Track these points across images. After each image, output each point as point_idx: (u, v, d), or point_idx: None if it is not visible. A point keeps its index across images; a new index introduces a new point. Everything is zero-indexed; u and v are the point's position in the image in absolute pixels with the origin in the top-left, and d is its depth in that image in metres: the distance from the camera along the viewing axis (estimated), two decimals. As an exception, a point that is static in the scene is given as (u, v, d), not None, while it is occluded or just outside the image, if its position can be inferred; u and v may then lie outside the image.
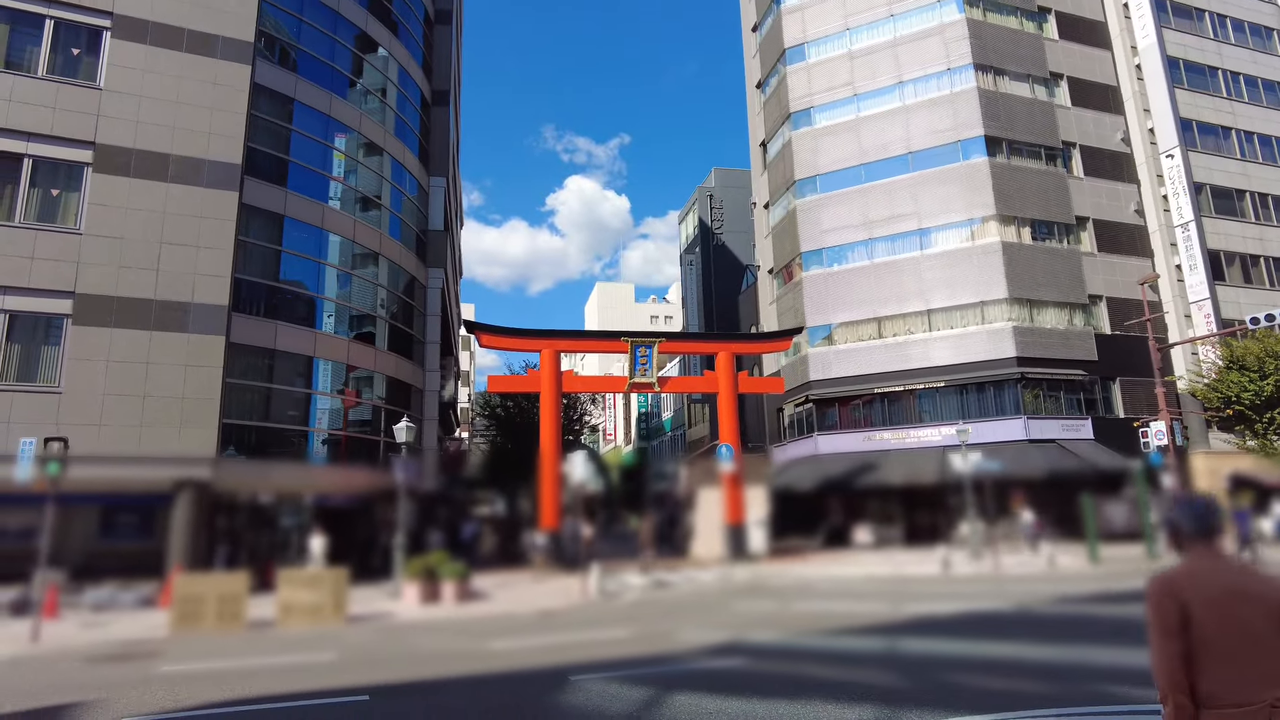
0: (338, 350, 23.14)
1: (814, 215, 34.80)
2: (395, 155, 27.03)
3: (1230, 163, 36.34)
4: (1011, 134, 32.74)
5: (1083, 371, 30.69)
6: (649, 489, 41.83)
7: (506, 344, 25.59)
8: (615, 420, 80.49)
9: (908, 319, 32.10)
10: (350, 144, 24.78)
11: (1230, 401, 25.88)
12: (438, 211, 29.49)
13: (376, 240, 25.29)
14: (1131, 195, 34.61)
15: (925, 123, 33.26)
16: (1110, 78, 36.26)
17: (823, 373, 33.23)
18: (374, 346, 24.73)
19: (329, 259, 23.41)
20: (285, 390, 21.87)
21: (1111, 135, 35.10)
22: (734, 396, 26.38)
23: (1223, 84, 37.82)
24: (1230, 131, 37.04)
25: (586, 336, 26.12)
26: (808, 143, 35.68)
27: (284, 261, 22.38)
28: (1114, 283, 32.93)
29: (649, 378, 25.94)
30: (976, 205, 31.66)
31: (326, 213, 23.41)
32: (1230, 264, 34.64)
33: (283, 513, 21.69)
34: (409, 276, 27.33)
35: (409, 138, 28.34)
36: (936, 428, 30.51)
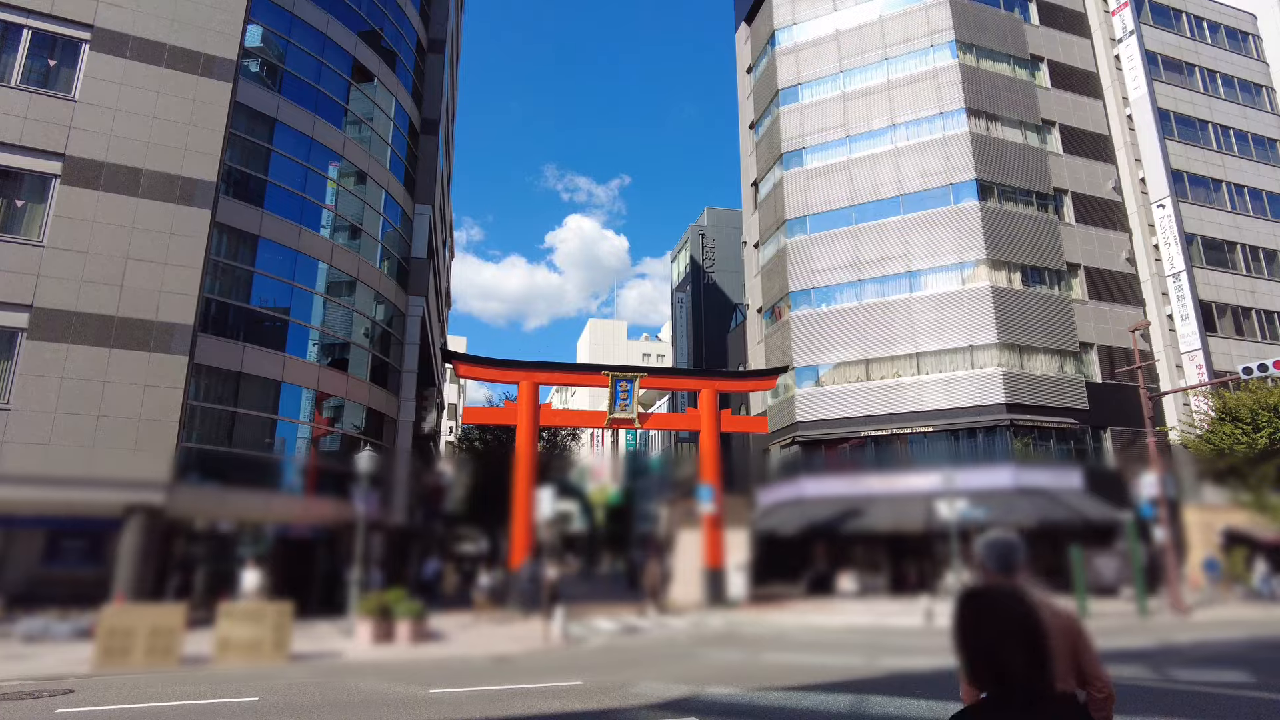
0: (307, 376, 22.48)
1: (804, 255, 34.50)
2: (379, 181, 26.68)
3: (1221, 215, 36.32)
4: (1003, 179, 32.64)
5: (1073, 420, 30.15)
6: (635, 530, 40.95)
7: (484, 374, 24.97)
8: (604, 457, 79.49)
9: (896, 361, 31.61)
10: (332, 167, 24.41)
11: (1223, 454, 25.28)
12: (421, 239, 29.06)
13: (355, 265, 24.79)
14: (1123, 243, 34.44)
15: (917, 165, 33.16)
16: (1102, 127, 36.35)
17: (809, 414, 32.62)
18: (347, 373, 24.08)
19: (303, 282, 22.87)
20: (251, 415, 21.15)
21: (1103, 183, 35.04)
22: (716, 435, 25.71)
23: (1213, 137, 37.98)
24: (1221, 184, 37.10)
25: (565, 369, 25.51)
26: (799, 183, 35.54)
27: (256, 283, 21.83)
28: (1105, 330, 32.56)
29: (629, 413, 25.28)
30: (967, 249, 31.40)
31: (303, 235, 22.93)
32: (1222, 315, 34.39)
33: (242, 542, 20.82)
34: (388, 304, 26.79)
35: (395, 164, 28.03)
36: (923, 474, 29.78)
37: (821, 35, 36.74)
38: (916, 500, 29.02)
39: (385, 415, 26.20)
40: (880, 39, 35.31)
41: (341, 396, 23.74)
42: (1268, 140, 39.80)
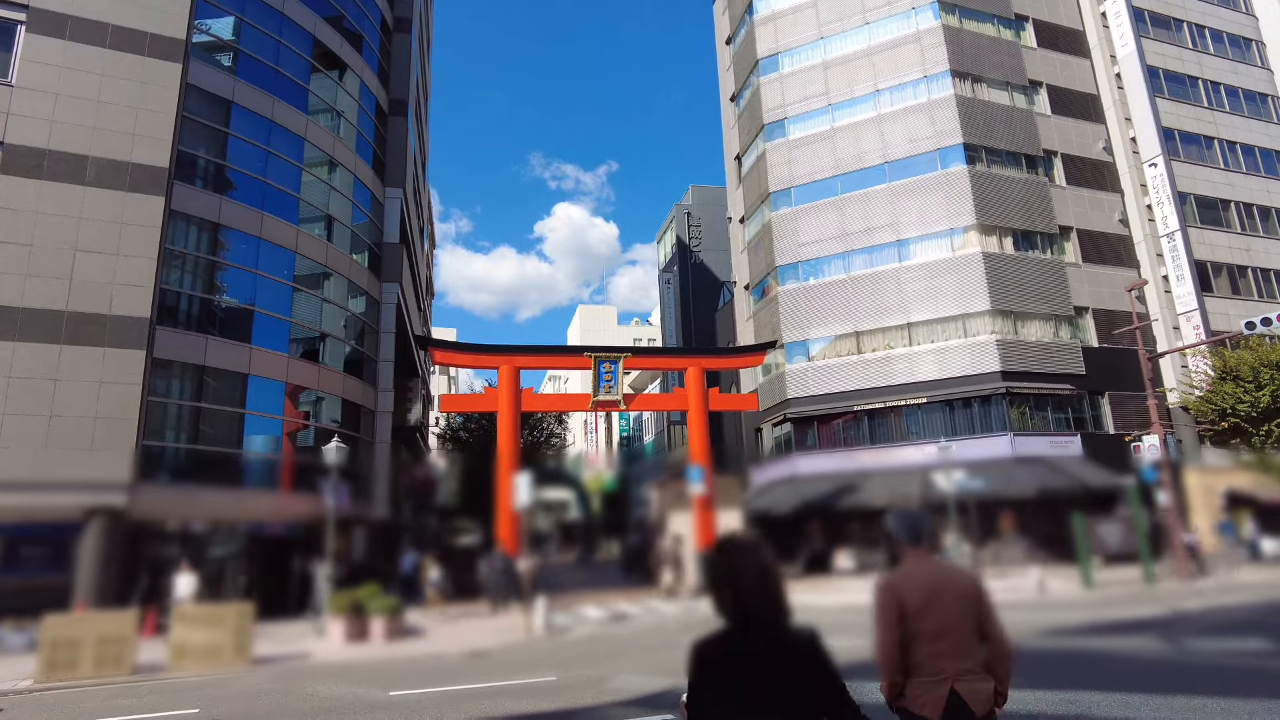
0: (276, 368, 21.60)
1: (789, 228, 33.66)
2: (346, 165, 25.72)
3: (1214, 172, 35.52)
4: (991, 142, 31.79)
5: (1070, 386, 29.46)
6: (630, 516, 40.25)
7: (461, 360, 24.13)
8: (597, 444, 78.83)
9: (888, 333, 30.86)
10: (295, 151, 23.43)
11: (1225, 414, 24.63)
12: (393, 224, 28.11)
13: (323, 252, 23.88)
14: (1115, 204, 33.68)
15: (902, 131, 32.28)
16: (1090, 86, 35.49)
17: (801, 390, 31.89)
18: (319, 365, 23.21)
19: (269, 271, 21.95)
20: (217, 410, 20.29)
21: (1093, 144, 34.23)
22: (704, 414, 24.95)
23: (1203, 94, 37.14)
24: (1213, 141, 36.27)
25: (546, 352, 24.66)
26: (782, 154, 34.64)
27: (217, 273, 20.92)
28: (1100, 294, 31.83)
29: (614, 394, 24.49)
30: (956, 215, 30.59)
31: (267, 222, 22.00)
32: (1218, 274, 33.66)
33: (214, 543, 20.02)
34: (361, 291, 25.89)
35: (362, 147, 27.05)
36: (920, 446, 29.12)
37: (800, 1, 35.72)
38: (913, 473, 28.39)
39: (362, 407, 25.37)
40: (860, 2, 34.32)
41: (314, 389, 22.88)
42: (1258, 95, 38.96)
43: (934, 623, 3.12)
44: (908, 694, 3.14)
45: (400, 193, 28.52)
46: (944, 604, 3.14)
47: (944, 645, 3.11)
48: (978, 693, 3.10)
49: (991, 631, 3.17)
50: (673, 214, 51.73)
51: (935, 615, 3.13)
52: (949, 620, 3.13)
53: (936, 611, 3.13)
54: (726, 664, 2.24)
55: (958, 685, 3.09)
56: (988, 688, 3.13)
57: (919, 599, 3.15)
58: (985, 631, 3.18)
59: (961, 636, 3.13)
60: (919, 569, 3.24)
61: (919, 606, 3.14)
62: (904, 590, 3.17)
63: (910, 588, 3.17)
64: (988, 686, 3.13)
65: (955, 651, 3.12)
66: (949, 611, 3.14)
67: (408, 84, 30.51)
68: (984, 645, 3.18)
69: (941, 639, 3.12)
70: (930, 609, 3.13)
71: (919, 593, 3.16)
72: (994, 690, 3.14)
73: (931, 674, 3.11)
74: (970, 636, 3.16)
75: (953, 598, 3.16)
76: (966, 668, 3.12)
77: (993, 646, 3.17)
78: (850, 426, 31.04)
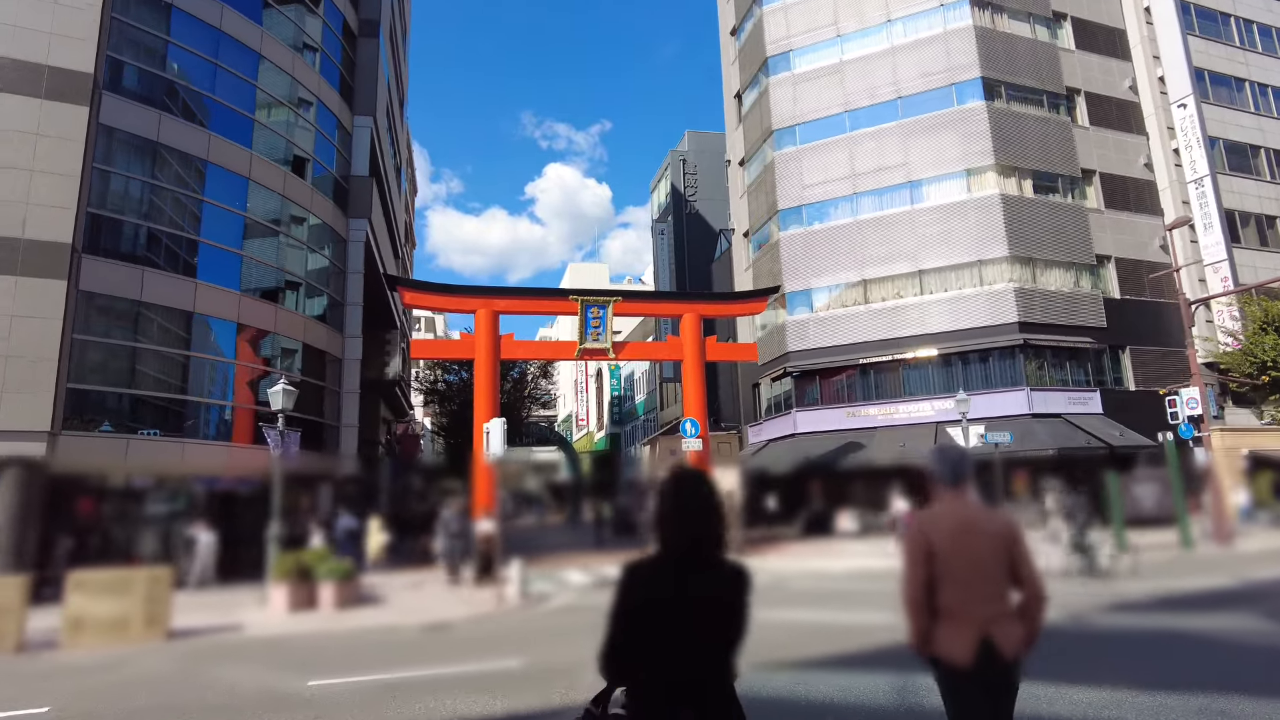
0: (225, 307, 19.40)
1: (793, 169, 31.36)
2: (308, 86, 23.23)
3: (1244, 116, 33.25)
4: (1011, 77, 29.42)
5: (1091, 339, 27.52)
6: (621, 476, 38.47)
7: (433, 303, 21.94)
8: (588, 405, 76.94)
9: (897, 281, 28.78)
10: (249, 67, 20.95)
11: (1265, 367, 22.74)
12: (362, 156, 25.69)
13: (280, 181, 21.53)
14: (1140, 148, 31.45)
15: (916, 65, 29.86)
16: (1117, 20, 33.01)
17: (802, 343, 29.89)
18: (277, 305, 21.01)
19: (219, 199, 19.64)
20: (157, 352, 18.12)
21: (1119, 82, 31.88)
22: (701, 364, 22.94)
23: (1235, 33, 34.70)
24: (1244, 83, 33.95)
25: (527, 294, 22.48)
26: (786, 89, 32.19)
27: (155, 197, 18.59)
28: (1123, 242, 29.76)
29: (602, 342, 22.41)
30: (973, 154, 28.34)
31: (215, 144, 19.62)
32: (1245, 225, 31.60)
33: (153, 500, 18.01)
34: (324, 227, 23.58)
35: (328, 69, 24.52)
36: (930, 401, 27.25)
37: (808, -76, 32.95)
38: (923, 430, 26.58)
39: (327, 354, 23.23)
40: (874, -76, 31.61)
41: (270, 330, 20.71)
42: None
43: (964, 564, 3.00)
44: (937, 638, 3.01)
45: (370, 122, 26.05)
46: (975, 545, 3.01)
47: (974, 588, 2.98)
48: (1009, 637, 2.97)
49: (1025, 574, 3.03)
50: (668, 161, 49.17)
51: (965, 556, 3.00)
52: (980, 562, 3.00)
53: (967, 552, 3.00)
54: (658, 585, 2.26)
55: (990, 629, 2.95)
56: (1019, 633, 3.00)
57: (949, 539, 3.03)
58: (1018, 575, 3.04)
59: (993, 579, 3.01)
60: (952, 509, 3.14)
61: (949, 547, 3.02)
62: (933, 530, 3.07)
63: (940, 528, 3.07)
64: (1019, 632, 3.00)
65: (986, 595, 2.99)
66: (980, 553, 3.01)
67: (379, 4, 27.83)
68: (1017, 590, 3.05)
69: (972, 582, 2.99)
70: (961, 550, 3.01)
71: (949, 533, 3.05)
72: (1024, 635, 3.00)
73: (960, 617, 2.98)
74: (1002, 580, 3.03)
75: (984, 539, 3.03)
76: (998, 611, 2.99)
77: (1026, 590, 3.03)
78: (855, 381, 29.10)
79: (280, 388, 14.73)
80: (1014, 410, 25.85)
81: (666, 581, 2.24)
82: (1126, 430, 25.42)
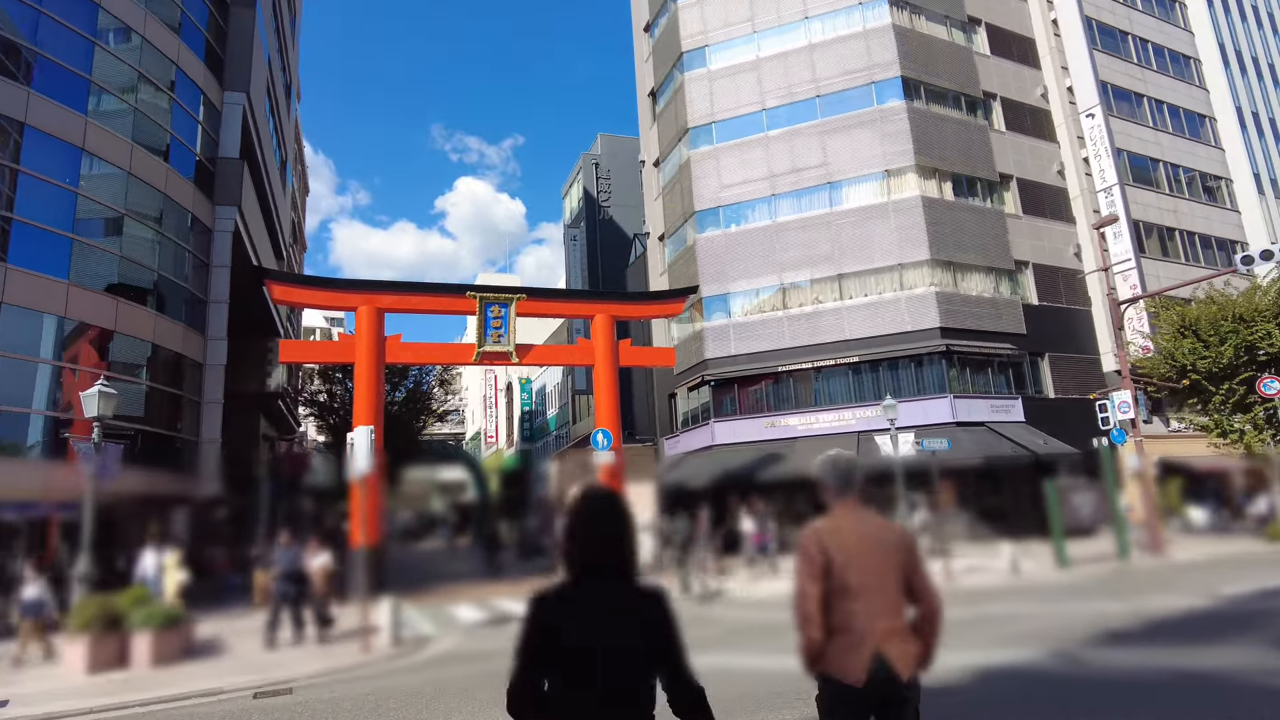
0: (46, 297, 16.27)
1: (710, 168, 29.94)
2: (164, 50, 20.26)
3: (1144, 130, 33.89)
4: (930, 78, 28.84)
5: (1011, 345, 26.96)
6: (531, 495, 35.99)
7: (306, 297, 19.21)
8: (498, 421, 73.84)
9: (817, 286, 27.60)
10: (84, 19, 17.90)
11: (1185, 371, 22.41)
12: (233, 136, 22.72)
13: (125, 155, 18.50)
14: (1054, 155, 31.46)
15: (835, 63, 28.96)
16: (1028, 30, 33.13)
17: (721, 350, 28.34)
18: (116, 298, 17.93)
19: (38, 169, 16.52)
20: (-45, 351, 14.92)
21: (1031, 89, 31.88)
22: (613, 370, 20.99)
23: (1133, 50, 35.47)
24: (1143, 99, 34.67)
25: (417, 290, 19.99)
26: (702, 86, 30.83)
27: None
28: (1040, 248, 29.52)
29: (504, 345, 20.15)
30: (893, 154, 27.52)
31: (35, 103, 16.54)
32: (1149, 235, 32.02)
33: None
34: (182, 211, 20.55)
35: (191, 35, 21.56)
36: (852, 410, 26.07)
37: (723, -83, 31.84)
38: (845, 440, 25.31)
39: (185, 357, 20.15)
40: (790, -81, 30.72)
41: (109, 328, 17.61)
42: (1183, 57, 37.77)
43: (860, 577, 2.80)
44: (828, 656, 2.79)
45: (243, 99, 23.13)
46: (872, 558, 2.83)
47: (870, 603, 2.79)
48: (905, 655, 2.78)
49: (920, 586, 2.86)
50: (579, 165, 47.32)
51: (862, 569, 2.81)
52: (876, 575, 2.81)
53: (863, 565, 2.82)
54: (567, 613, 2.07)
55: (884, 646, 2.75)
56: (915, 650, 2.82)
57: (846, 551, 2.81)
58: (914, 586, 2.86)
59: (889, 593, 2.82)
60: (848, 520, 2.92)
61: (845, 559, 2.80)
62: (830, 541, 2.84)
63: (837, 539, 2.84)
64: (915, 649, 2.81)
65: (882, 610, 2.79)
66: (877, 566, 2.82)
67: (257, -29, 24.98)
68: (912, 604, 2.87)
69: (867, 595, 2.79)
70: (857, 562, 2.81)
71: (847, 545, 2.83)
72: (920, 652, 2.83)
73: (856, 634, 2.76)
74: (897, 594, 2.84)
75: (882, 551, 2.84)
76: (894, 627, 2.80)
77: (922, 603, 2.86)
78: (775, 390, 27.69)
79: (96, 390, 11.93)
80: (938, 418, 24.89)
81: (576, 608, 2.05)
82: (1050, 439, 24.81)
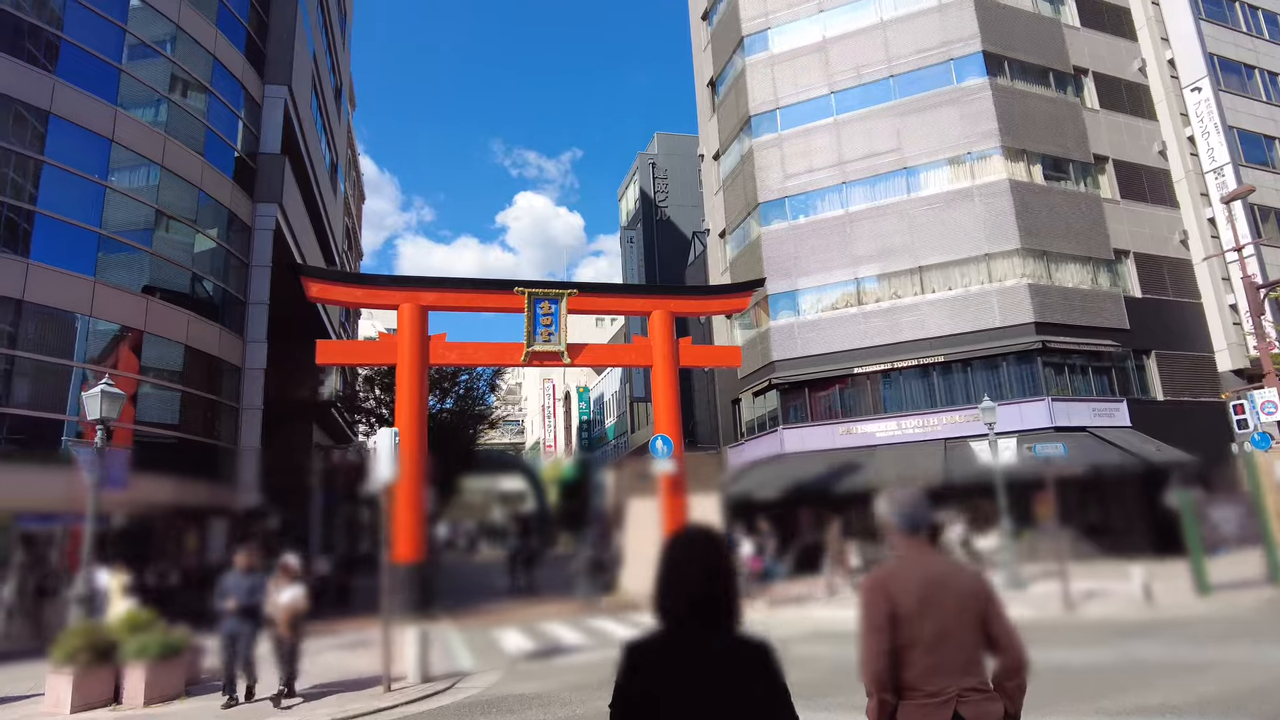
0: (73, 295, 15.35)
1: (774, 157, 28.02)
2: (201, 40, 19.41)
3: (1257, 105, 30.57)
4: (1014, 53, 26.40)
5: (1114, 342, 24.27)
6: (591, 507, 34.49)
7: (345, 295, 17.97)
8: (555, 431, 72.75)
9: (894, 279, 25.39)
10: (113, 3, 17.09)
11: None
12: (274, 130, 21.81)
13: (158, 148, 17.61)
14: (1154, 134, 28.53)
15: (910, 40, 26.76)
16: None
17: (789, 351, 26.31)
18: (147, 296, 16.98)
19: (65, 161, 15.66)
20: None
21: (1128, 63, 29.05)
22: (673, 370, 19.24)
23: (1242, 18, 32.22)
24: (1254, 71, 31.36)
25: (462, 286, 18.61)
26: (764, 71, 28.96)
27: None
28: (1141, 235, 26.69)
29: (554, 344, 18.60)
30: (977, 136, 25.17)
31: (62, 93, 15.70)
32: (1265, 220, 28.80)
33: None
34: (220, 208, 19.63)
35: (229, 25, 20.73)
36: (936, 414, 23.76)
37: (785, -108, 30.00)
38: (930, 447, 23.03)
39: (222, 361, 19.16)
40: (858, -111, 28.70)
41: (139, 328, 16.65)
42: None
43: (932, 629, 2.46)
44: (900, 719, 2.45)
45: (285, 93, 22.24)
46: (943, 606, 2.48)
47: (944, 657, 2.45)
48: (986, 716, 2.44)
49: (1002, 638, 2.51)
50: (636, 165, 45.83)
51: (933, 620, 2.46)
52: (949, 626, 2.47)
53: (935, 615, 2.47)
54: (663, 667, 1.90)
55: (961, 707, 2.42)
56: (997, 710, 2.48)
57: (913, 600, 2.48)
58: (994, 637, 2.51)
59: (964, 646, 2.49)
60: (915, 563, 2.57)
61: (913, 609, 2.47)
62: (896, 589, 2.50)
63: (903, 586, 2.51)
64: (997, 709, 2.48)
65: (957, 665, 2.46)
66: (949, 615, 2.48)
67: (300, -37, 24.19)
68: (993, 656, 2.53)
69: (940, 649, 2.46)
70: (927, 612, 2.47)
71: (914, 592, 2.49)
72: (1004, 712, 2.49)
73: (929, 693, 2.43)
74: (975, 647, 2.51)
75: (954, 599, 2.49)
76: (971, 685, 2.45)
77: (1004, 657, 2.51)
78: (849, 393, 25.53)
79: (99, 389, 10.72)
80: (1034, 423, 22.42)
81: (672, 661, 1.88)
82: (1164, 445, 22.07)
